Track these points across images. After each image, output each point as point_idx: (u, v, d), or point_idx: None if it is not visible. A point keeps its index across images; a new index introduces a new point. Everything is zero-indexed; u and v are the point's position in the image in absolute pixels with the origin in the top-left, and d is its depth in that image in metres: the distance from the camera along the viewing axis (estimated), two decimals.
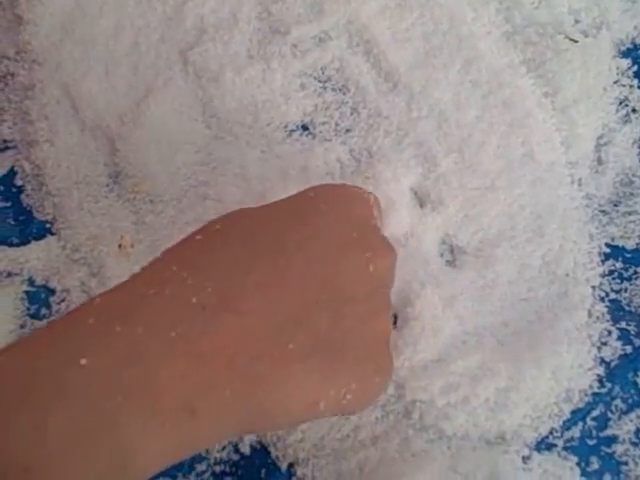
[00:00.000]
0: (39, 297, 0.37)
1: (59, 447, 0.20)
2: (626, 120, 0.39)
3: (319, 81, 0.39)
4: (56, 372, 0.21)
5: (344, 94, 0.39)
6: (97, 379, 0.21)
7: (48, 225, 0.38)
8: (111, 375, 0.21)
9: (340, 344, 0.26)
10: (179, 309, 0.23)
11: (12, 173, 0.39)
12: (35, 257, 0.37)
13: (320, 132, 0.39)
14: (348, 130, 0.39)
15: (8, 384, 0.21)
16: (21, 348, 0.23)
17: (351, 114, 0.39)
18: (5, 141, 0.40)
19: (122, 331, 0.22)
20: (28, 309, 0.37)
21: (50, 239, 0.38)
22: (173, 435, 0.22)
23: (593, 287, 0.36)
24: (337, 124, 0.39)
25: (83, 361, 0.21)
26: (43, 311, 0.37)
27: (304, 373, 0.24)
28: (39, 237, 0.38)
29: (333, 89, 0.39)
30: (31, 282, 0.38)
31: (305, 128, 0.39)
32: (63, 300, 0.37)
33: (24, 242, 0.38)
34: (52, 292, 0.37)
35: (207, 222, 0.27)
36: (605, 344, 0.35)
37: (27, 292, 0.37)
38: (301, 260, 0.26)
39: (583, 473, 0.33)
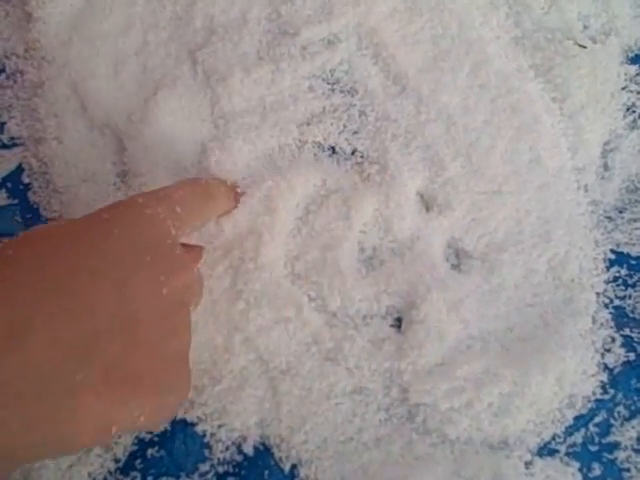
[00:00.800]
0: None
1: None
2: (633, 126, 0.39)
3: (327, 83, 0.39)
4: None
5: (352, 96, 0.39)
6: None
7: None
8: None
9: (135, 369, 0.26)
10: None
11: (19, 170, 0.39)
12: None
13: (328, 134, 0.38)
14: (355, 132, 0.39)
15: None
16: None
17: (359, 117, 0.39)
18: (13, 138, 0.40)
19: None
20: None
21: None
22: None
23: (598, 293, 0.37)
24: (345, 126, 0.39)
25: None
26: None
27: (95, 402, 0.24)
28: None
29: (341, 91, 0.39)
30: None
31: (313, 130, 0.39)
32: None
33: None
34: None
35: (4, 243, 0.27)
36: (609, 351, 0.36)
37: None
38: (92, 288, 0.25)
39: (585, 479, 0.34)
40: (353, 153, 0.38)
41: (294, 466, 0.34)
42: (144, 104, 0.38)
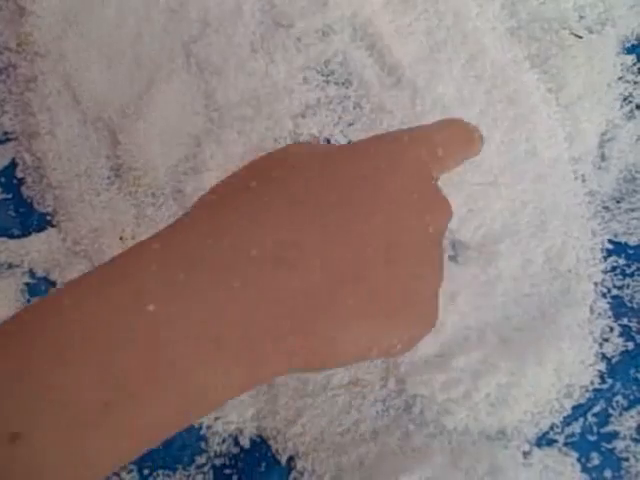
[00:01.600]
0: (39, 289, 0.37)
1: (132, 386, 0.21)
2: (630, 116, 0.39)
3: (322, 75, 0.39)
4: (122, 317, 0.22)
5: (347, 88, 0.39)
6: (164, 326, 0.22)
7: (49, 217, 0.38)
8: (178, 322, 0.22)
9: (394, 301, 0.26)
10: (239, 261, 0.23)
11: (13, 165, 0.39)
12: (36, 249, 0.37)
13: (323, 126, 0.38)
14: (351, 124, 0.38)
15: (73, 327, 0.22)
16: (84, 290, 0.23)
17: (354, 108, 0.39)
18: (6, 133, 0.40)
19: (186, 279, 0.22)
20: (28, 301, 0.37)
21: (51, 231, 0.38)
22: (239, 373, 0.23)
23: (595, 283, 0.37)
24: (340, 118, 0.38)
25: (150, 307, 0.22)
26: None
27: (361, 328, 0.25)
28: (40, 229, 0.38)
29: (336, 83, 0.39)
30: (32, 274, 0.37)
31: (308, 122, 0.39)
32: None
33: (25, 234, 0.38)
34: (53, 284, 0.37)
35: (259, 158, 0.27)
36: (607, 340, 0.35)
37: (27, 284, 0.37)
38: (363, 217, 0.26)
39: (583, 469, 0.33)
40: None
41: (291, 458, 0.34)
42: (138, 97, 0.38)
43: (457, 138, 0.30)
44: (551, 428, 0.34)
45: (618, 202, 0.38)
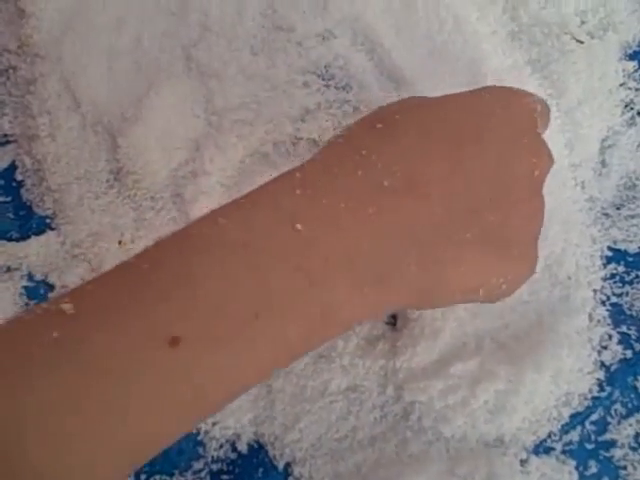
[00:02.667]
0: (38, 292, 0.37)
1: (280, 299, 0.23)
2: (631, 123, 0.39)
3: (322, 79, 0.39)
4: (273, 233, 0.24)
5: (347, 92, 0.39)
6: (309, 244, 0.24)
7: (48, 220, 0.38)
8: (320, 242, 0.24)
9: (506, 239, 0.28)
10: (373, 190, 0.26)
11: (12, 168, 0.39)
12: (35, 252, 0.37)
13: (323, 130, 0.38)
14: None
15: (229, 240, 0.24)
16: (233, 209, 0.25)
17: (354, 112, 0.39)
18: (6, 135, 0.40)
19: (327, 203, 0.25)
20: (27, 304, 0.37)
21: (50, 234, 0.38)
22: (369, 296, 0.25)
23: (594, 290, 0.36)
24: (340, 122, 0.38)
25: (298, 226, 0.24)
26: None
27: (474, 261, 0.27)
28: (39, 232, 0.38)
29: (336, 87, 0.39)
30: (30, 277, 0.37)
31: (308, 126, 0.38)
32: None
33: (24, 237, 0.38)
34: (51, 288, 0.37)
35: (379, 108, 0.29)
36: (605, 348, 0.35)
37: (26, 287, 0.37)
38: (479, 157, 0.28)
39: (581, 477, 0.33)
40: None
41: (288, 464, 0.34)
42: (137, 101, 0.38)
43: (545, 103, 0.32)
44: (549, 436, 0.34)
45: (618, 209, 0.38)
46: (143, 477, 0.34)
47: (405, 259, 0.25)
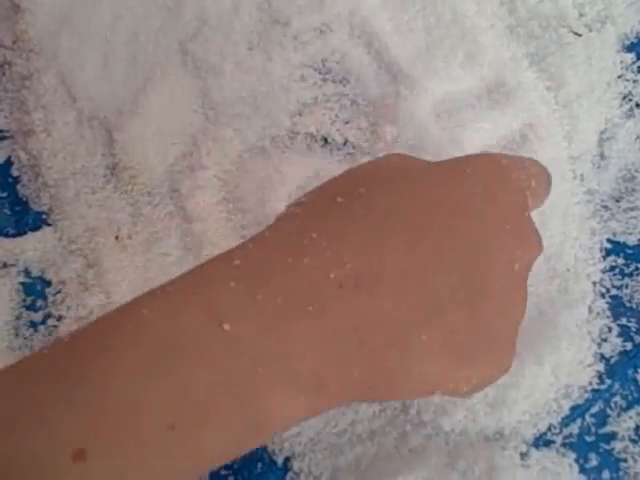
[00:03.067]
0: (35, 288, 0.37)
1: (200, 409, 0.21)
2: (630, 115, 0.39)
3: (319, 73, 0.39)
4: (198, 333, 0.21)
5: (344, 86, 0.39)
6: (239, 346, 0.21)
7: (44, 216, 0.38)
8: (252, 344, 0.22)
9: (470, 343, 0.24)
10: (317, 283, 0.23)
11: (8, 163, 0.39)
12: (31, 248, 0.37)
13: (320, 124, 0.38)
14: (347, 122, 0.38)
15: (152, 341, 0.21)
16: (160, 300, 0.22)
17: (351, 106, 0.38)
18: (1, 131, 0.39)
19: (263, 300, 0.22)
20: (24, 300, 0.37)
21: (46, 230, 0.38)
22: (305, 403, 0.23)
23: (594, 283, 0.36)
24: (337, 116, 0.38)
25: (226, 326, 0.21)
26: (39, 302, 0.37)
27: (430, 365, 0.24)
28: (35, 228, 0.38)
29: (333, 81, 0.39)
30: (27, 273, 0.37)
31: (305, 120, 0.38)
32: (59, 292, 0.37)
33: (20, 233, 0.38)
34: (48, 283, 0.37)
35: (348, 171, 0.26)
36: (605, 340, 0.35)
37: (23, 283, 0.37)
38: (446, 246, 0.24)
39: (581, 470, 0.33)
40: (345, 143, 0.38)
41: (287, 459, 0.34)
42: (134, 96, 0.38)
43: (545, 175, 0.29)
44: (549, 429, 0.34)
45: (617, 201, 0.38)
46: None
47: (347, 364, 0.23)
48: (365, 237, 0.24)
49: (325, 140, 0.38)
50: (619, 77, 0.39)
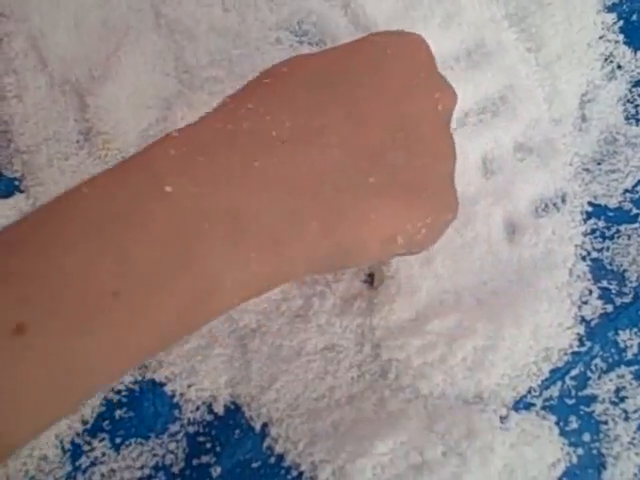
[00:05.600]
0: None
1: (144, 274, 0.21)
2: (611, 77, 0.38)
3: (295, 35, 0.38)
4: (139, 200, 0.21)
5: (321, 48, 0.38)
6: (182, 207, 0.21)
7: (17, 182, 0.37)
8: (196, 203, 0.22)
9: (414, 180, 0.26)
10: (259, 142, 0.24)
11: None
12: (4, 215, 0.36)
13: None
14: None
15: (90, 215, 0.21)
16: (101, 179, 0.23)
17: None
18: None
19: (205, 161, 0.22)
20: None
21: (19, 196, 0.37)
22: (257, 266, 0.22)
23: (575, 246, 0.36)
24: None
25: (168, 189, 0.21)
26: None
27: (383, 207, 0.25)
28: (8, 195, 0.37)
29: (309, 43, 0.38)
30: None
31: None
32: None
33: None
34: None
35: (269, 68, 0.27)
36: (586, 303, 0.35)
37: None
38: (376, 100, 0.26)
39: (562, 432, 0.33)
40: None
41: (265, 425, 0.34)
42: (106, 59, 0.37)
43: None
44: (529, 392, 0.34)
45: (599, 164, 0.37)
46: (118, 440, 0.34)
47: (303, 215, 0.23)
48: (298, 101, 0.25)
49: None
50: (600, 38, 0.39)
